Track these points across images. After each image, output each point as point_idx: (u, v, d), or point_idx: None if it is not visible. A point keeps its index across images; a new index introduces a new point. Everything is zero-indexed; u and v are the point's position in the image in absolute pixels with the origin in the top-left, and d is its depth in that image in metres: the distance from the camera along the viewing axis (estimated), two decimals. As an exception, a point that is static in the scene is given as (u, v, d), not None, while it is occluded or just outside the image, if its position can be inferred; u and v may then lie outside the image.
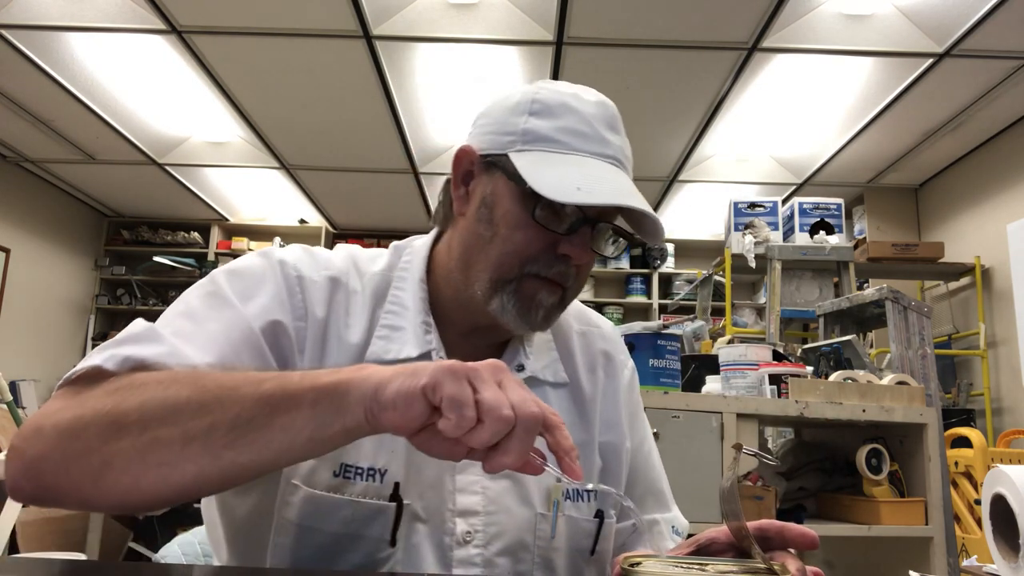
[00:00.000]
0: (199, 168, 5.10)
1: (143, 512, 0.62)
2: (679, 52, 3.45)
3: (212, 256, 6.24)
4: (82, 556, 2.67)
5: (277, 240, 6.17)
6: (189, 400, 0.59)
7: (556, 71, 3.64)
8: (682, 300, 5.46)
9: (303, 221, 6.23)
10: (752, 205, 3.61)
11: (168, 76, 3.81)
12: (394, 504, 0.74)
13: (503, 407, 0.54)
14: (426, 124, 4.30)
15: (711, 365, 2.17)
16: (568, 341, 0.91)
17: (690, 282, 6.02)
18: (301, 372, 0.61)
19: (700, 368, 2.20)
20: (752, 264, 3.40)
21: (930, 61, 3.42)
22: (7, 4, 3.20)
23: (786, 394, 1.96)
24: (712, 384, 2.11)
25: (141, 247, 6.25)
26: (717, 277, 3.88)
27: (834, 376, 2.05)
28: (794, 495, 2.12)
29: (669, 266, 6.30)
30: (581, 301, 0.95)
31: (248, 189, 5.57)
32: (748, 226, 3.52)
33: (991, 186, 4.32)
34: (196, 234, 6.31)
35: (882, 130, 4.17)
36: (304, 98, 4.02)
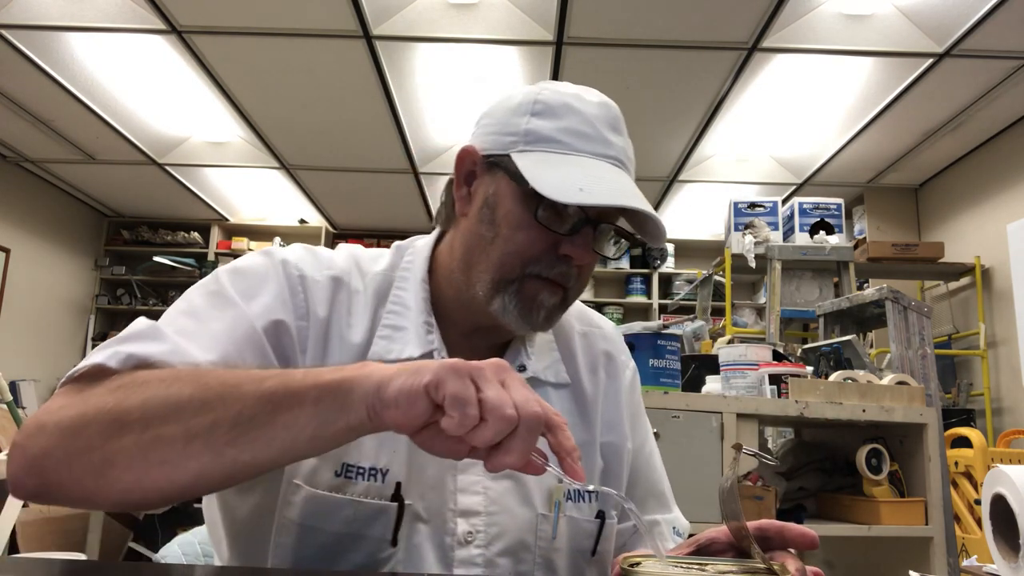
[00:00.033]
0: (199, 168, 5.10)
1: (145, 509, 0.62)
2: (679, 52, 3.45)
3: (212, 256, 6.24)
4: (82, 556, 2.67)
5: (277, 240, 6.17)
6: (192, 398, 0.59)
7: (556, 71, 3.64)
8: (682, 300, 5.46)
9: (303, 221, 6.23)
10: (752, 205, 3.61)
11: (168, 76, 3.81)
12: (396, 504, 0.74)
13: (506, 406, 0.54)
14: (426, 124, 4.30)
15: (711, 365, 2.17)
16: (570, 342, 0.91)
17: (690, 282, 6.02)
18: (304, 370, 0.61)
19: (700, 368, 2.20)
20: (752, 264, 3.40)
21: (930, 61, 3.42)
22: (7, 4, 3.20)
23: (786, 394, 1.95)
24: (712, 384, 2.11)
25: (141, 247, 6.25)
26: (717, 277, 3.88)
27: (834, 376, 2.05)
28: (794, 495, 2.12)
29: (669, 266, 6.30)
30: (581, 301, 0.95)
31: (248, 189, 5.57)
32: (748, 226, 3.52)
33: (991, 186, 4.32)
34: (196, 234, 6.31)
35: (882, 130, 4.17)
36: (304, 98, 4.02)
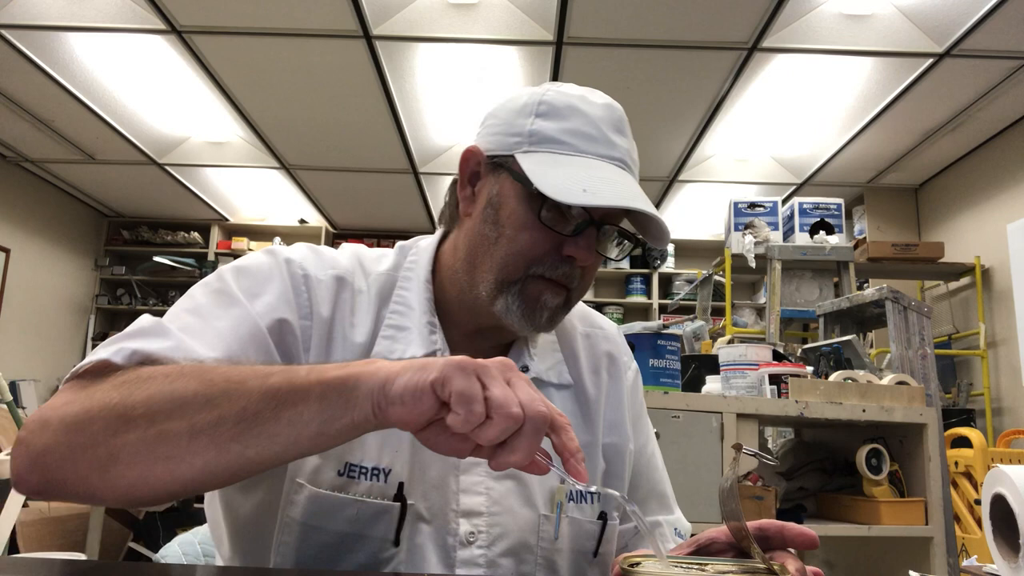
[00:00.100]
0: (199, 168, 5.10)
1: (150, 505, 0.63)
2: (679, 52, 3.45)
3: (212, 256, 6.24)
4: (82, 556, 2.67)
5: (277, 240, 6.17)
6: (196, 393, 0.59)
7: (556, 71, 3.64)
8: (682, 300, 5.46)
9: (303, 221, 6.23)
10: (752, 205, 3.61)
11: (168, 76, 3.81)
12: (398, 504, 0.74)
13: (512, 405, 0.54)
14: (426, 124, 4.30)
15: (711, 365, 2.17)
16: (572, 343, 0.91)
17: (690, 282, 6.02)
18: (308, 366, 0.61)
19: (700, 368, 2.20)
20: (752, 264, 3.40)
21: (930, 61, 3.42)
22: (7, 4, 3.20)
23: (786, 394, 1.96)
24: (712, 384, 2.11)
25: (141, 247, 6.25)
26: (717, 277, 3.88)
27: (834, 376, 2.05)
28: (794, 495, 2.12)
29: (669, 266, 6.30)
30: (581, 301, 0.95)
31: (248, 189, 5.57)
32: (748, 226, 3.52)
33: (991, 186, 4.32)
34: (196, 234, 6.31)
35: (882, 130, 4.17)
36: (304, 98, 4.02)
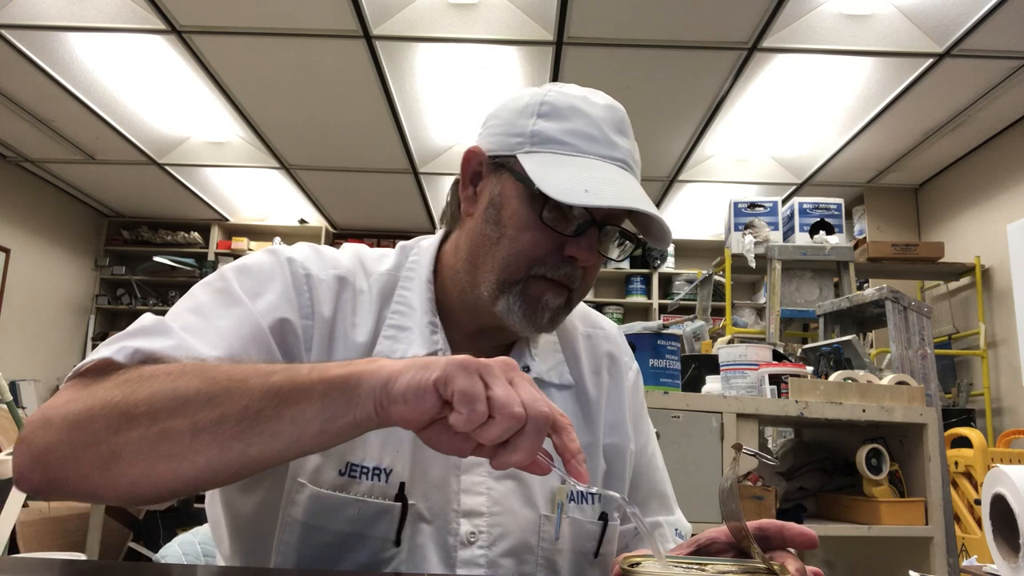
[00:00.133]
0: (199, 168, 5.10)
1: (152, 503, 0.62)
2: (679, 52, 3.45)
3: (212, 256, 6.24)
4: (82, 556, 2.67)
5: (277, 240, 6.17)
6: (198, 392, 0.59)
7: (556, 71, 3.64)
8: (682, 300, 5.46)
9: (303, 221, 6.23)
10: (752, 205, 3.61)
11: (168, 76, 3.81)
12: (399, 504, 0.74)
13: (514, 404, 0.54)
14: (426, 124, 4.30)
15: (711, 365, 2.17)
16: (573, 343, 0.91)
17: (690, 282, 6.02)
18: (310, 365, 0.61)
19: (700, 368, 2.20)
20: (752, 264, 3.39)
21: (930, 61, 3.42)
22: (7, 4, 3.20)
23: (786, 394, 1.96)
24: (712, 384, 2.11)
25: (141, 247, 6.25)
26: (717, 277, 3.88)
27: (834, 376, 2.05)
28: (794, 495, 2.12)
29: (669, 266, 6.30)
30: (582, 301, 0.95)
31: (248, 189, 5.57)
32: (748, 226, 3.52)
33: (991, 186, 4.32)
34: (196, 234, 6.31)
35: (882, 130, 4.17)
36: (304, 98, 4.02)
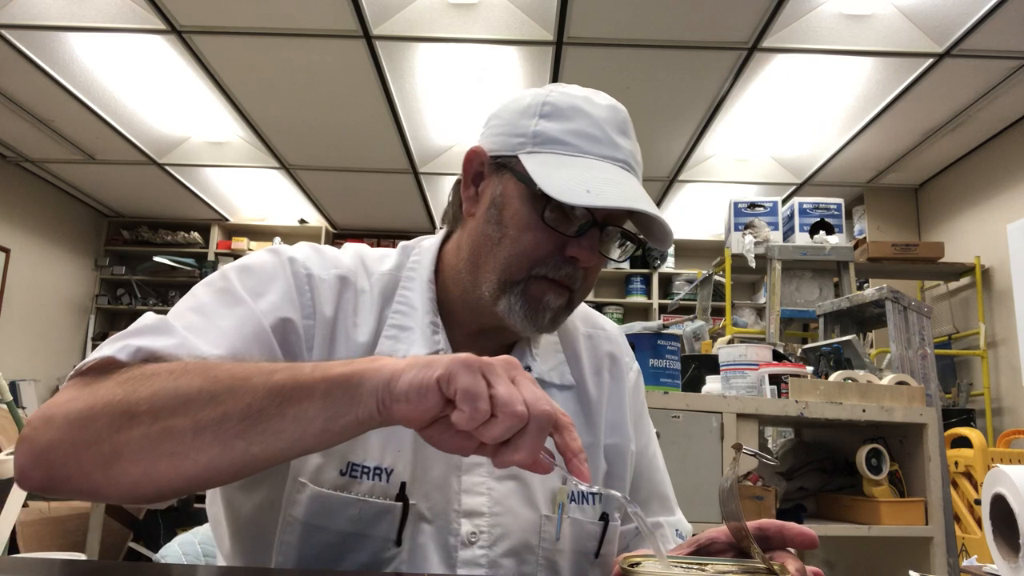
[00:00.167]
0: (199, 168, 5.10)
1: (154, 502, 0.62)
2: (679, 52, 3.45)
3: (212, 256, 6.24)
4: (82, 556, 2.67)
5: (277, 240, 6.17)
6: (201, 390, 0.59)
7: (556, 71, 3.64)
8: (682, 300, 5.46)
9: (303, 221, 6.23)
10: (752, 205, 3.60)
11: (168, 76, 3.81)
12: (400, 504, 0.74)
13: (517, 403, 0.54)
14: (426, 124, 4.30)
15: (711, 365, 2.17)
16: (574, 343, 0.91)
17: (690, 282, 6.02)
18: (313, 363, 0.61)
19: (700, 368, 2.20)
20: (752, 264, 3.39)
21: (930, 61, 3.42)
22: (7, 4, 3.20)
23: (786, 394, 1.96)
24: (712, 384, 2.11)
25: (141, 247, 6.25)
26: (717, 277, 3.88)
27: (834, 376, 2.05)
28: (794, 495, 2.12)
29: (669, 266, 6.30)
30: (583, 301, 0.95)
31: (248, 189, 5.57)
32: (748, 226, 3.52)
33: (991, 186, 4.32)
34: (196, 234, 6.31)
35: (882, 130, 4.17)
36: (304, 98, 4.02)
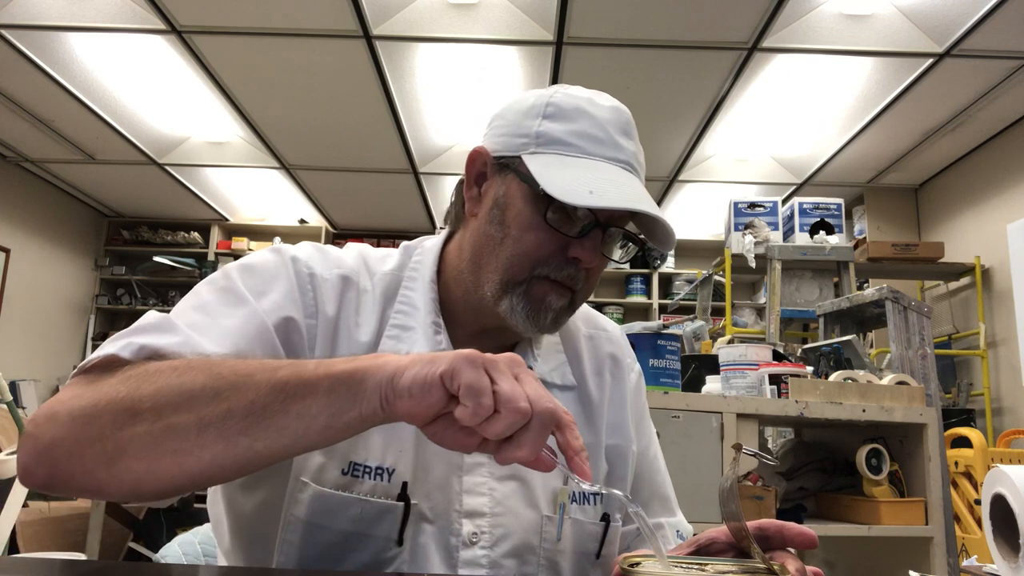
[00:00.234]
0: (199, 168, 5.10)
1: (157, 499, 0.62)
2: (679, 52, 3.45)
3: (212, 256, 6.24)
4: (82, 556, 2.67)
5: (277, 240, 6.17)
6: (204, 387, 0.59)
7: (556, 71, 3.64)
8: (682, 300, 5.46)
9: (303, 221, 6.23)
10: (752, 205, 3.60)
11: (168, 76, 3.81)
12: (402, 504, 0.74)
13: (520, 399, 0.54)
14: (426, 124, 4.30)
15: (711, 365, 2.17)
16: (576, 344, 0.91)
17: (690, 282, 6.02)
18: (316, 360, 0.61)
19: (700, 368, 2.20)
20: (752, 264, 3.39)
21: (930, 61, 3.42)
22: (7, 4, 3.20)
23: (786, 394, 1.96)
24: (712, 384, 2.11)
25: (141, 247, 6.25)
26: (717, 277, 3.88)
27: (834, 376, 2.05)
28: (794, 495, 2.12)
29: (669, 266, 6.30)
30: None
31: (248, 189, 5.57)
32: (748, 226, 3.52)
33: (991, 186, 4.32)
34: (196, 234, 6.31)
35: (882, 130, 4.17)
36: (304, 98, 4.02)
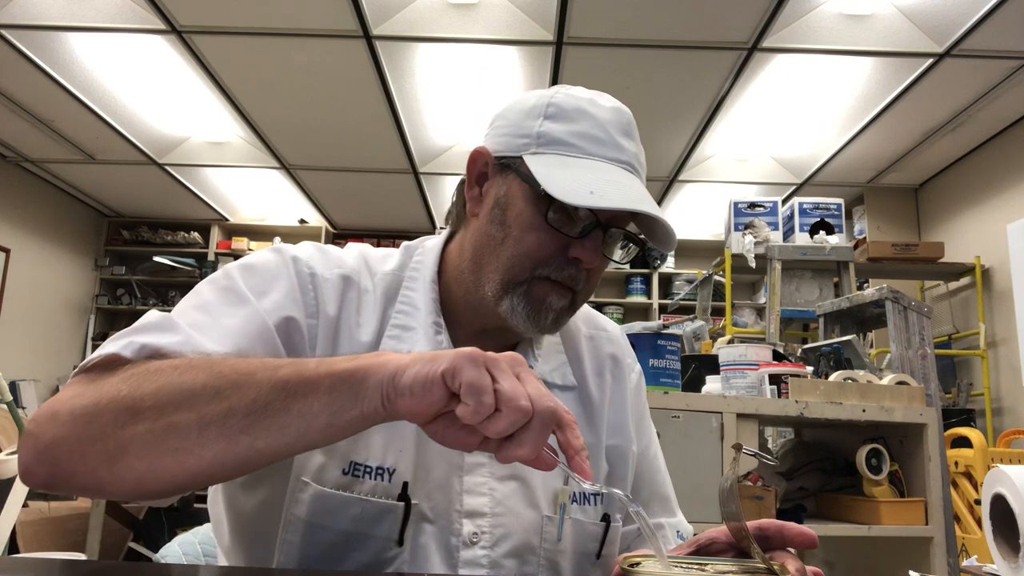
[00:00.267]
0: (199, 168, 5.10)
1: (158, 498, 0.62)
2: (679, 52, 3.45)
3: (212, 256, 6.24)
4: (82, 556, 2.67)
5: (277, 240, 6.17)
6: (205, 385, 0.59)
7: (556, 71, 3.64)
8: (682, 300, 5.46)
9: (303, 221, 6.23)
10: (752, 205, 3.60)
11: (168, 76, 3.81)
12: (402, 504, 0.74)
13: (521, 398, 0.54)
14: (426, 124, 4.30)
15: (711, 365, 2.17)
16: (576, 344, 0.91)
17: (690, 282, 6.02)
18: (317, 359, 0.61)
19: (700, 368, 2.20)
20: (752, 264, 3.39)
21: (930, 61, 3.42)
22: (7, 4, 3.20)
23: (786, 394, 1.96)
24: (712, 384, 2.11)
25: (141, 247, 6.25)
26: (717, 277, 3.88)
27: (834, 376, 2.05)
28: (794, 495, 2.12)
29: (669, 266, 6.30)
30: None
31: (248, 189, 5.57)
32: (748, 226, 3.52)
33: (991, 186, 4.32)
34: (196, 234, 6.31)
35: (882, 130, 4.17)
36: (304, 98, 4.02)
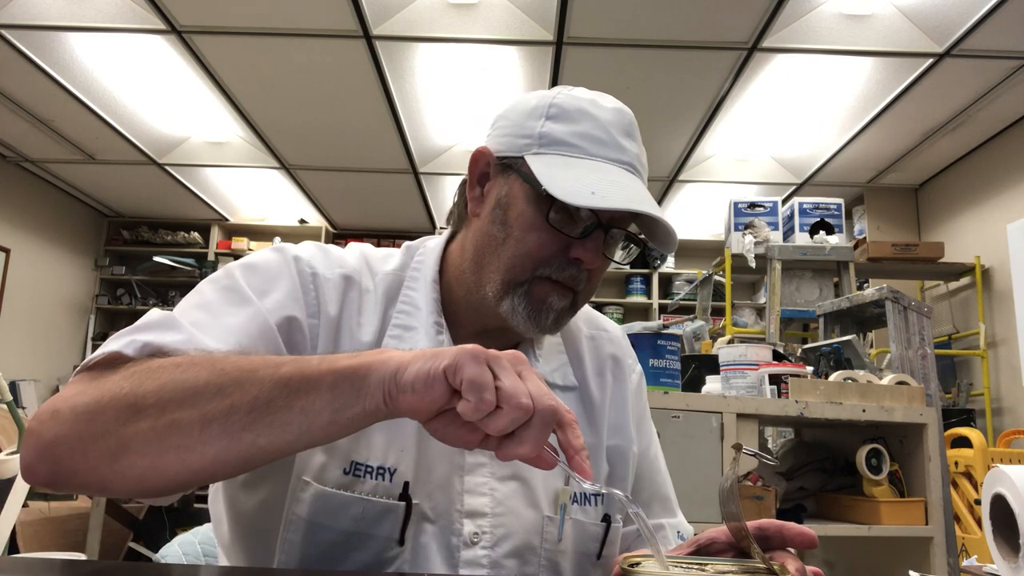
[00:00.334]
0: (199, 168, 5.10)
1: (160, 496, 0.62)
2: (679, 52, 3.45)
3: (212, 256, 6.24)
4: (82, 556, 2.67)
5: (277, 240, 6.17)
6: (208, 383, 0.59)
7: (556, 71, 3.64)
8: (682, 300, 5.46)
9: (303, 221, 6.23)
10: (752, 205, 3.61)
11: (168, 76, 3.81)
12: (403, 503, 0.74)
13: (522, 395, 0.54)
14: (426, 124, 4.30)
15: (711, 365, 2.17)
16: (577, 345, 0.91)
17: (690, 282, 6.02)
18: (319, 356, 0.61)
19: (700, 368, 2.20)
20: (752, 264, 3.40)
21: (930, 61, 3.42)
22: (7, 4, 3.20)
23: (786, 394, 1.96)
24: (712, 384, 2.11)
25: (141, 247, 6.25)
26: (717, 277, 3.88)
27: (834, 376, 2.05)
28: (794, 495, 2.12)
29: (669, 266, 6.30)
30: (585, 302, 0.95)
31: (248, 189, 5.57)
32: (748, 226, 3.52)
33: (991, 186, 4.32)
34: (196, 234, 6.31)
35: (882, 130, 4.17)
36: (304, 98, 4.02)
